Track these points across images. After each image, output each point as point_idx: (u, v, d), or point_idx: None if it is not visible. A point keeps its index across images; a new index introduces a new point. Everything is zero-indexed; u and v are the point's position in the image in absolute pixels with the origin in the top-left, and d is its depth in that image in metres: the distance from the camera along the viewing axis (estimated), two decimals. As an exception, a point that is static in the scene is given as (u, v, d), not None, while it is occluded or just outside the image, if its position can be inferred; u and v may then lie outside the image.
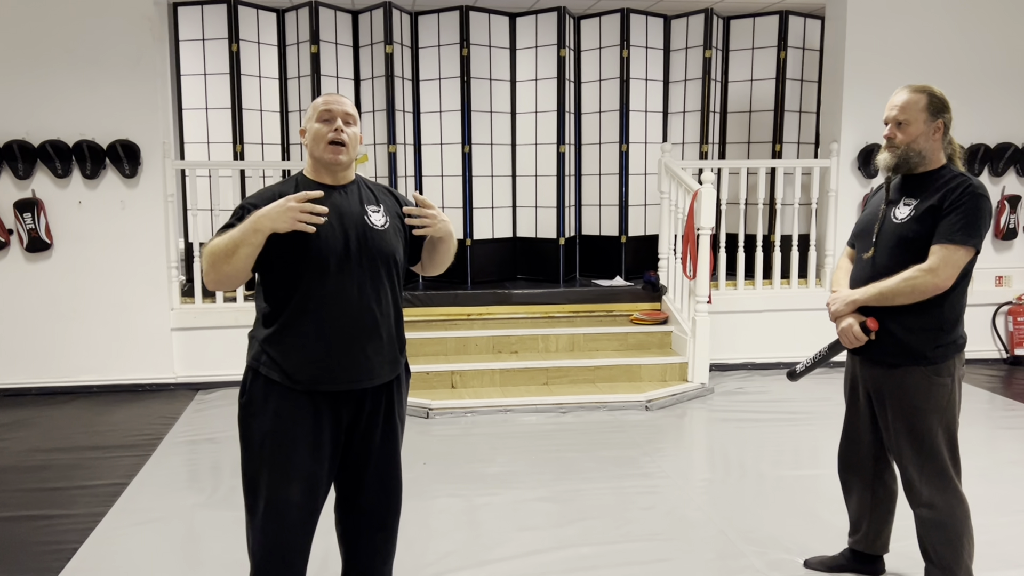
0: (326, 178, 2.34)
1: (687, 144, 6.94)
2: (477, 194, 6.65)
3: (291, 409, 2.25)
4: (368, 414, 2.35)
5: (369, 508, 2.43)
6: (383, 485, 2.43)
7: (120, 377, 5.69)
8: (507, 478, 4.01)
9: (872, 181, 6.28)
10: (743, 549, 3.25)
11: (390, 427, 2.41)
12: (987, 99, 6.29)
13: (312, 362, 2.24)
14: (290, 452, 2.25)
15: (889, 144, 2.65)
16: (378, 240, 2.31)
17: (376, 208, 2.36)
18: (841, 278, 2.83)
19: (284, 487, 2.24)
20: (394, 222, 2.39)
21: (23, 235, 5.46)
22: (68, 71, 5.47)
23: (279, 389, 2.25)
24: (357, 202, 2.34)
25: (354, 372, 2.27)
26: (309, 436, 2.26)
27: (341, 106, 2.33)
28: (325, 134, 2.29)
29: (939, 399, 2.58)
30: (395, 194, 2.49)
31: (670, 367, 5.61)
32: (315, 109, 2.34)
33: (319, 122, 2.31)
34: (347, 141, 2.31)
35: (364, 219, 2.31)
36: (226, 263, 2.16)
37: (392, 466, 2.44)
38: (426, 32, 6.51)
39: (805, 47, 6.91)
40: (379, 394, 2.36)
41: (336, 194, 2.32)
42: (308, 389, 2.25)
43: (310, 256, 2.22)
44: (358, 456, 2.38)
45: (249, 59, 6.33)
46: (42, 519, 3.57)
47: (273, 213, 2.12)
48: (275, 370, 2.25)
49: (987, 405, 5.28)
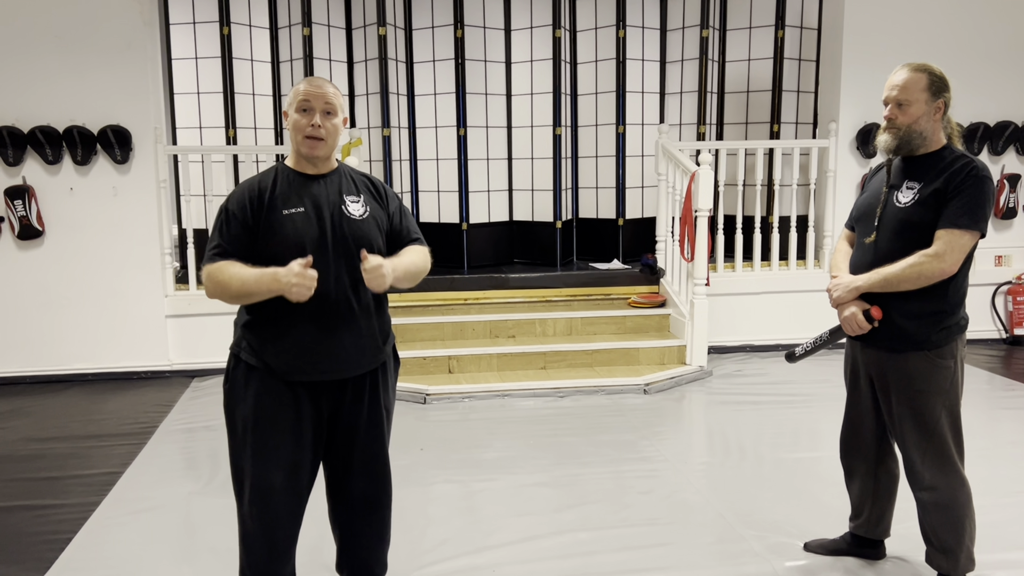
0: (307, 167, 2.34)
1: (684, 125, 6.88)
2: (473, 177, 6.59)
3: (271, 396, 2.26)
4: (350, 402, 2.35)
5: (359, 495, 2.44)
6: (371, 472, 2.43)
7: (114, 365, 5.66)
8: (505, 463, 3.99)
9: (871, 161, 6.23)
10: (743, 533, 3.23)
11: (375, 414, 2.40)
12: (986, 77, 6.23)
13: (288, 351, 2.25)
14: (270, 438, 2.26)
15: (889, 125, 2.59)
16: (355, 229, 2.30)
17: (356, 198, 2.35)
18: (841, 262, 2.78)
19: (266, 472, 2.26)
20: (374, 211, 2.37)
21: (14, 222, 5.41)
22: (57, 56, 5.40)
23: (259, 375, 2.26)
24: (336, 192, 2.33)
25: (331, 362, 2.27)
26: (289, 422, 2.27)
27: (322, 97, 2.28)
28: (304, 127, 2.27)
29: (942, 381, 2.55)
30: (377, 186, 2.46)
31: (668, 350, 5.58)
32: (295, 95, 2.30)
33: (298, 112, 2.28)
34: (324, 136, 2.28)
35: (342, 208, 2.30)
36: (234, 299, 2.23)
37: (379, 453, 2.43)
38: (420, 13, 6.43)
39: (803, 26, 6.83)
40: (361, 382, 2.36)
41: (315, 184, 2.32)
42: (286, 378, 2.25)
43: (287, 246, 2.21)
44: (343, 444, 2.38)
45: (241, 42, 6.26)
46: (36, 508, 3.54)
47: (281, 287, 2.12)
48: (254, 357, 2.27)
49: (987, 385, 5.26)
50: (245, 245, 2.24)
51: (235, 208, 2.25)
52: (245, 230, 2.24)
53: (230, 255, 2.23)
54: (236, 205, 2.26)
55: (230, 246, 2.24)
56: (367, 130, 6.36)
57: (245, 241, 2.24)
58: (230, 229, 2.25)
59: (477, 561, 3.04)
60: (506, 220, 6.79)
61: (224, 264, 2.21)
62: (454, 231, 6.55)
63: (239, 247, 2.24)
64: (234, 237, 2.24)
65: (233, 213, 2.25)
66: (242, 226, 2.24)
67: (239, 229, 2.24)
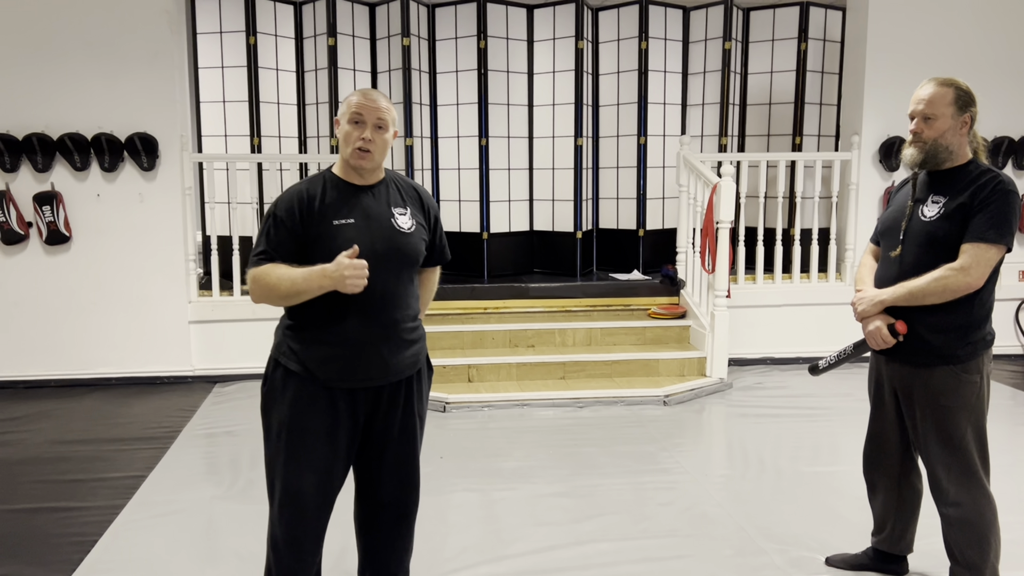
0: (354, 178, 2.35)
1: (706, 137, 6.89)
2: (494, 187, 6.62)
3: (308, 400, 2.28)
4: (386, 409, 2.37)
5: (387, 502, 2.46)
6: (401, 479, 2.45)
7: (138, 370, 5.72)
8: (524, 473, 3.99)
9: (894, 175, 6.20)
10: (763, 546, 3.22)
11: (408, 422, 2.42)
12: (1010, 91, 6.19)
13: (330, 359, 2.27)
14: (305, 441, 2.29)
15: (915, 139, 2.59)
16: (403, 242, 2.33)
17: (403, 210, 2.37)
18: (866, 276, 2.77)
19: (298, 476, 2.29)
20: (419, 224, 2.41)
21: (42, 228, 5.48)
22: (86, 64, 5.48)
23: (297, 380, 2.29)
24: (385, 204, 2.35)
25: (371, 370, 2.30)
26: (325, 427, 2.29)
27: (375, 111, 2.28)
28: (354, 139, 2.28)
29: (968, 396, 2.54)
30: (422, 196, 2.49)
31: (688, 361, 5.57)
32: (349, 106, 2.31)
33: (350, 123, 2.29)
34: (372, 149, 2.29)
35: (391, 221, 2.32)
36: (283, 300, 2.26)
37: (410, 461, 2.45)
38: (443, 24, 6.48)
39: (826, 39, 6.83)
40: (397, 390, 2.37)
41: (365, 195, 2.34)
42: (326, 384, 2.28)
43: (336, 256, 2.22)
44: (376, 450, 2.40)
45: (266, 52, 6.33)
46: (62, 511, 3.59)
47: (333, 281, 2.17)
48: (294, 361, 2.29)
49: (1010, 401, 5.21)
50: (291, 251, 2.26)
51: (283, 214, 2.27)
52: (292, 236, 2.26)
53: (275, 260, 2.25)
54: (284, 211, 2.27)
55: (276, 251, 2.26)
56: (390, 139, 6.39)
57: (291, 247, 2.26)
58: (277, 235, 2.27)
59: (497, 570, 3.05)
60: (527, 230, 6.81)
61: (270, 267, 2.24)
62: (475, 240, 6.57)
63: (285, 253, 2.26)
64: (280, 243, 2.26)
65: (281, 219, 2.27)
66: (289, 232, 2.26)
67: (286, 235, 2.26)
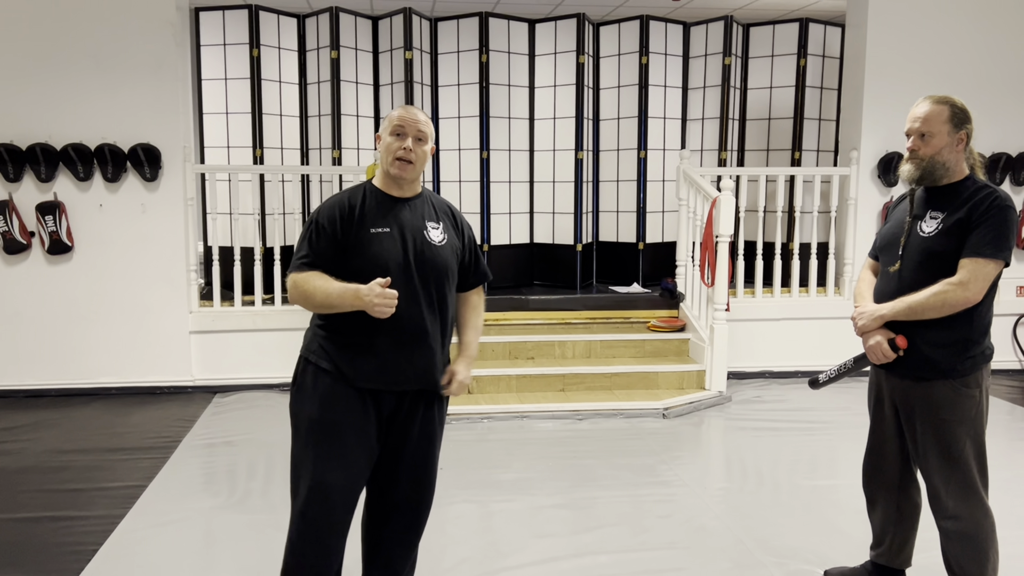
0: (393, 190, 2.46)
1: (706, 151, 6.92)
2: (495, 200, 6.65)
3: (338, 399, 2.36)
4: (408, 409, 2.44)
5: (401, 501, 2.51)
6: (417, 480, 2.50)
7: (139, 379, 5.73)
8: (523, 484, 4.00)
9: (892, 190, 6.24)
10: (761, 559, 3.22)
11: (428, 425, 2.48)
12: (1009, 107, 6.24)
13: (362, 361, 2.36)
14: (335, 440, 2.36)
15: (912, 156, 2.62)
16: (435, 254, 2.42)
17: (436, 224, 2.47)
18: (865, 291, 2.80)
19: (326, 473, 2.36)
20: (451, 240, 2.49)
21: (45, 237, 5.51)
22: (90, 75, 5.52)
23: (328, 379, 2.37)
24: (419, 216, 2.45)
25: (399, 376, 2.38)
26: (355, 423, 2.37)
27: (415, 124, 2.41)
28: (395, 149, 2.40)
29: (967, 411, 2.55)
30: (455, 215, 2.58)
31: (687, 375, 5.59)
32: (390, 121, 2.43)
33: (391, 135, 2.41)
34: (414, 160, 2.40)
35: (424, 233, 2.42)
36: (316, 308, 2.36)
37: (428, 463, 2.51)
38: (445, 38, 6.53)
39: (825, 54, 6.88)
40: (418, 395, 2.45)
41: (401, 206, 2.44)
42: (355, 383, 2.36)
43: (372, 263, 2.33)
44: (396, 449, 2.46)
45: (270, 64, 6.37)
46: (62, 520, 3.59)
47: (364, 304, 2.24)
48: (325, 360, 2.37)
49: (1008, 416, 5.23)
50: (331, 259, 2.36)
51: (325, 222, 2.37)
52: (333, 244, 2.36)
53: (317, 267, 2.35)
54: (326, 219, 2.37)
55: (318, 258, 2.36)
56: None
57: (332, 255, 2.36)
58: (320, 242, 2.37)
59: (496, 581, 3.06)
60: (527, 242, 6.84)
61: (310, 275, 2.33)
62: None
63: (326, 260, 2.35)
64: (322, 250, 2.36)
65: (323, 226, 2.37)
66: (331, 240, 2.36)
67: (328, 243, 2.36)
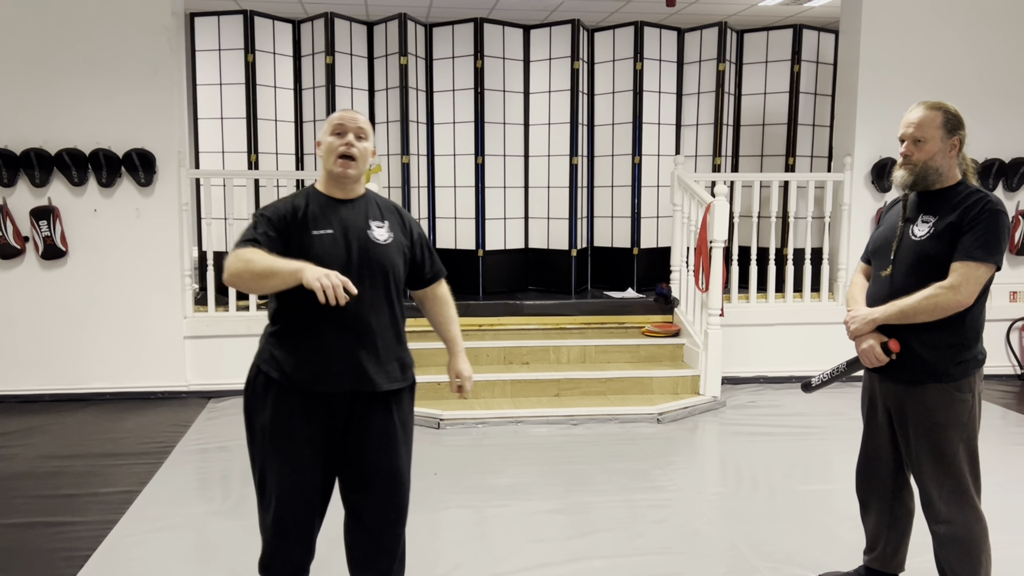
0: (336, 192, 2.45)
1: (700, 157, 6.95)
2: (490, 205, 6.66)
3: (287, 406, 2.37)
4: (362, 414, 2.43)
5: (371, 506, 2.48)
6: (384, 484, 2.47)
7: (133, 384, 5.71)
8: (518, 489, 4.00)
9: (886, 196, 6.26)
10: (756, 564, 3.23)
11: (389, 428, 2.45)
12: (1002, 113, 6.27)
13: (305, 362, 2.36)
14: (286, 445, 2.38)
15: (906, 161, 2.64)
16: (379, 254, 2.41)
17: (381, 223, 2.46)
18: (857, 295, 2.81)
19: (282, 477, 2.38)
20: (398, 239, 2.48)
21: (39, 242, 5.50)
22: (85, 80, 5.52)
23: (277, 386, 2.38)
24: (363, 216, 2.44)
25: (345, 378, 2.36)
26: (304, 430, 2.38)
27: (355, 122, 2.44)
28: (336, 147, 2.41)
29: (960, 415, 2.56)
30: (402, 214, 2.56)
31: (682, 380, 5.59)
32: (330, 123, 2.45)
33: (332, 135, 2.43)
34: (357, 155, 2.41)
35: (367, 233, 2.41)
36: (255, 278, 2.24)
37: (392, 466, 2.47)
38: (440, 44, 6.54)
39: (819, 61, 6.91)
40: (373, 398, 2.43)
41: (344, 207, 2.44)
42: (301, 388, 2.36)
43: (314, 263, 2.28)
44: (356, 453, 2.45)
45: (265, 69, 6.38)
46: (55, 525, 3.58)
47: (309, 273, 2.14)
48: (274, 368, 2.38)
49: (1000, 421, 5.24)
50: (276, 246, 2.31)
51: (270, 214, 2.38)
52: (278, 234, 2.34)
53: (260, 245, 2.30)
54: (272, 213, 2.38)
55: (262, 239, 2.31)
56: (387, 157, 6.44)
57: (276, 244, 2.31)
58: (264, 228, 2.34)
59: (491, 586, 3.06)
60: (522, 247, 6.85)
61: (253, 248, 2.28)
62: (470, 257, 6.60)
63: (270, 244, 2.31)
64: (266, 235, 2.32)
65: (268, 218, 2.37)
66: (275, 230, 2.34)
67: (273, 232, 2.34)
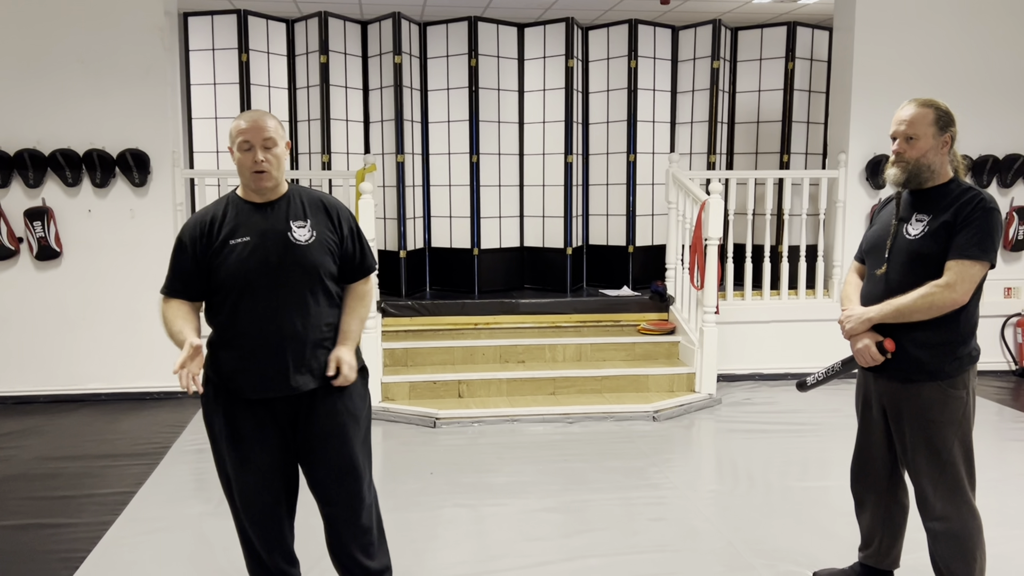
0: (254, 197, 2.47)
1: (695, 154, 6.95)
2: (485, 203, 6.66)
3: (236, 409, 2.43)
4: (306, 413, 2.47)
5: (330, 499, 2.55)
6: (339, 477, 2.51)
7: (128, 385, 5.71)
8: (514, 488, 4.01)
9: (880, 192, 6.27)
10: (752, 561, 3.23)
11: (334, 418, 2.48)
12: (995, 110, 6.28)
13: (236, 371, 2.40)
14: (239, 447, 2.43)
15: (898, 159, 2.64)
16: (300, 255, 2.41)
17: (303, 223, 2.44)
18: (852, 294, 2.81)
19: (241, 477, 2.45)
20: (322, 236, 2.46)
21: (33, 243, 5.48)
22: (79, 80, 5.50)
23: (223, 392, 2.44)
24: (283, 219, 2.43)
25: (275, 382, 2.39)
26: (254, 431, 2.43)
27: (260, 133, 2.38)
28: (248, 165, 2.39)
29: (955, 412, 2.57)
30: (328, 208, 2.53)
31: (677, 377, 5.60)
32: (233, 138, 2.41)
33: (240, 151, 2.40)
34: (268, 168, 2.39)
35: (287, 235, 2.41)
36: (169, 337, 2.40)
37: (343, 457, 2.51)
38: (435, 42, 6.54)
39: (813, 58, 6.92)
40: (313, 396, 2.45)
41: (262, 212, 2.44)
42: (239, 395, 2.41)
43: (231, 275, 2.36)
44: (307, 451, 2.50)
45: (259, 69, 6.37)
46: (50, 527, 3.58)
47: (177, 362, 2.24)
48: (216, 375, 2.44)
49: (996, 417, 5.26)
50: (194, 277, 2.41)
51: (187, 240, 2.42)
52: (195, 263, 2.41)
53: (178, 292, 2.43)
54: (188, 237, 2.43)
55: (180, 282, 2.43)
56: (381, 156, 6.44)
57: (194, 274, 2.41)
58: (181, 263, 2.42)
59: (487, 585, 3.06)
60: (517, 246, 6.85)
61: (170, 306, 2.41)
62: (465, 256, 6.60)
63: (188, 281, 2.43)
64: (185, 272, 2.43)
65: (185, 245, 2.42)
66: (192, 259, 2.41)
67: (190, 264, 2.41)
